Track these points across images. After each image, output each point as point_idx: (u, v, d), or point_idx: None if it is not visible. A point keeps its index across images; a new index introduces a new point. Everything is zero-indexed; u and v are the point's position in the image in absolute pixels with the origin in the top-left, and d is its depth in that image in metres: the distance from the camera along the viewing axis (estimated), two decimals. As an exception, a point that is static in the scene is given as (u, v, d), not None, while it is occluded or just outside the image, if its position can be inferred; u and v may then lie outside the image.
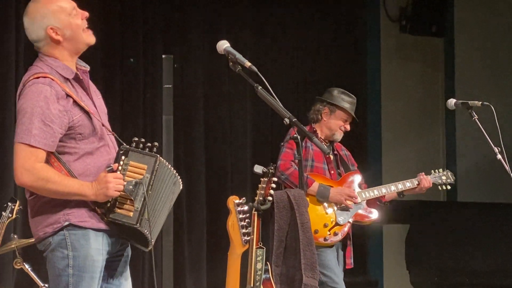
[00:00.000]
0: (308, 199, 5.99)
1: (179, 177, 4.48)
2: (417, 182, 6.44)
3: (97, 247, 4.30)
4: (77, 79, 4.37)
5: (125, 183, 4.23)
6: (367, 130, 9.37)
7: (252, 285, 5.02)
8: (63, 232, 4.27)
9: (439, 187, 6.68)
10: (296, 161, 6.06)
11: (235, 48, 4.79)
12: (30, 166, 4.20)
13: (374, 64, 9.65)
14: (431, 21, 9.82)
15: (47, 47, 4.35)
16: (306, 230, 5.47)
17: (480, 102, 6.13)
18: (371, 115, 9.43)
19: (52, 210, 4.28)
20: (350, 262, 6.40)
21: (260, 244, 5.06)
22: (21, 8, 7.44)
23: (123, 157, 4.28)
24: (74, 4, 4.35)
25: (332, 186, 6.25)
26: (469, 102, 6.16)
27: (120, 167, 4.26)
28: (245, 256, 5.04)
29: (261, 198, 5.08)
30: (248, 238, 5.02)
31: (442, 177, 6.66)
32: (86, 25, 4.36)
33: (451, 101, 6.28)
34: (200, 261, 8.35)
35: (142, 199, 4.26)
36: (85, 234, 4.28)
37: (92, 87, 4.49)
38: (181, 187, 4.52)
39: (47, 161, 4.25)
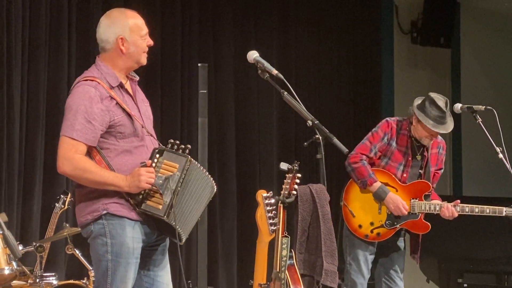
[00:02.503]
0: (366, 195, 5.95)
1: (212, 180, 4.47)
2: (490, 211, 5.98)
3: (132, 235, 4.32)
4: (121, 86, 4.40)
5: (156, 177, 4.25)
6: (381, 131, 9.33)
7: (278, 270, 5.01)
8: (102, 221, 4.31)
9: None
10: (371, 156, 5.98)
11: (263, 57, 4.79)
12: (70, 157, 4.23)
13: (388, 72, 9.61)
14: (439, 34, 9.78)
15: (110, 52, 4.40)
16: (327, 221, 5.44)
17: (484, 107, 6.08)
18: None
19: (93, 200, 4.32)
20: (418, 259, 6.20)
21: (285, 233, 5.03)
22: (72, 17, 7.49)
23: (157, 156, 4.30)
24: (147, 31, 4.44)
25: (395, 188, 5.97)
26: (473, 106, 6.12)
27: (154, 164, 4.28)
28: (272, 244, 5.02)
29: (286, 192, 5.05)
30: (275, 228, 5.01)
31: None
32: (147, 50, 4.44)
33: (457, 106, 6.23)
34: (232, 248, 8.34)
35: (171, 193, 4.26)
36: (121, 223, 4.31)
37: (141, 96, 4.53)
38: (214, 191, 4.50)
39: (89, 154, 4.30)
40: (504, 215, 6.04)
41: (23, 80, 7.14)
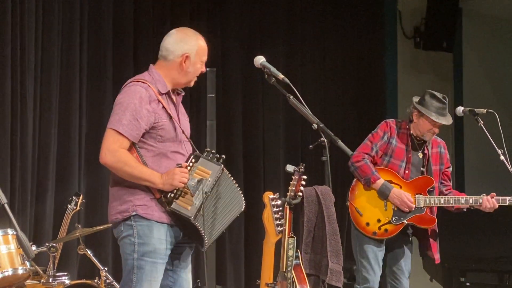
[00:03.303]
0: (371, 193, 5.91)
1: (243, 197, 4.54)
2: (480, 201, 6.06)
3: (159, 237, 4.39)
4: (168, 96, 4.51)
5: (190, 178, 4.34)
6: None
7: (284, 269, 5.01)
8: (131, 222, 4.39)
9: None
10: (372, 154, 5.96)
11: (269, 62, 4.80)
12: (114, 149, 4.33)
13: (391, 76, 9.61)
14: (442, 38, 9.77)
15: (170, 63, 4.51)
16: (332, 221, 5.45)
17: (485, 110, 6.08)
18: (389, 120, 9.39)
19: (124, 201, 4.41)
20: (437, 257, 6.10)
21: (292, 234, 5.04)
22: (84, 27, 7.51)
23: (193, 160, 4.41)
24: (206, 60, 4.58)
25: (399, 185, 5.93)
26: (475, 109, 6.11)
27: (188, 167, 4.37)
28: (278, 245, 5.03)
29: (292, 194, 5.05)
30: (281, 228, 5.01)
31: None
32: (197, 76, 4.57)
33: (460, 109, 6.22)
34: (239, 248, 8.33)
35: (202, 197, 4.33)
36: (149, 225, 4.38)
37: (181, 109, 4.63)
38: (243, 207, 4.56)
39: (129, 151, 4.38)
40: (507, 203, 6.09)
41: (36, 84, 7.15)
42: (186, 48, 4.50)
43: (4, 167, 6.83)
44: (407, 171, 5.98)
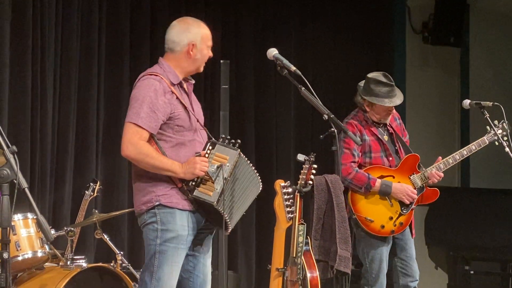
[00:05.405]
0: (371, 196, 5.75)
1: (259, 179, 4.58)
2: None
3: (181, 223, 4.43)
4: (180, 85, 4.52)
5: (209, 166, 4.36)
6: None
7: (294, 255, 5.01)
8: (154, 211, 4.43)
9: (496, 143, 5.96)
10: (356, 160, 5.77)
11: (282, 55, 4.79)
12: (135, 142, 4.34)
13: (400, 70, 9.58)
14: (449, 33, 9.72)
15: (178, 54, 4.53)
16: (341, 209, 5.44)
17: (491, 103, 6.05)
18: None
19: (147, 192, 4.45)
20: (413, 232, 5.99)
21: (302, 221, 5.04)
22: (102, 20, 7.51)
23: (210, 147, 4.42)
24: (212, 44, 4.60)
25: (391, 176, 5.79)
26: (481, 102, 6.09)
27: (206, 154, 4.39)
28: (289, 231, 5.03)
29: (303, 182, 5.06)
30: (292, 215, 5.01)
31: (498, 131, 5.95)
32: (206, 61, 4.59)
33: (466, 102, 6.21)
34: (251, 235, 8.34)
35: (222, 182, 4.35)
36: (172, 212, 4.42)
37: (193, 97, 4.65)
38: (260, 188, 4.61)
39: (148, 143, 4.40)
40: (488, 143, 5.97)
41: (56, 75, 7.16)
42: (190, 37, 4.51)
43: (25, 153, 6.84)
44: (390, 158, 5.86)
